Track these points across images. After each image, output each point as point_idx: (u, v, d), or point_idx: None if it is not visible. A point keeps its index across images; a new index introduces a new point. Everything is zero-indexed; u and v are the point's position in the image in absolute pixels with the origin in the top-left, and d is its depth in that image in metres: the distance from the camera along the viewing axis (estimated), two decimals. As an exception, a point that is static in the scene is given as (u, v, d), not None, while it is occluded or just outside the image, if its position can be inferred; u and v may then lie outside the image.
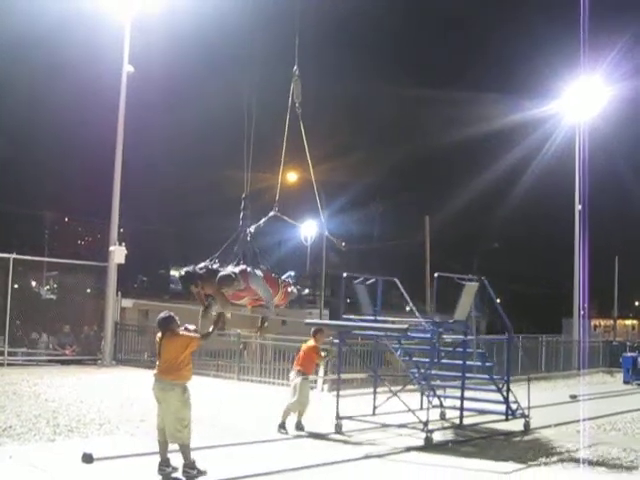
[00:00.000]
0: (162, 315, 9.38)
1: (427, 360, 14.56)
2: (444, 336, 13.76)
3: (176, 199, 61.63)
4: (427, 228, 42.45)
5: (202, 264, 9.77)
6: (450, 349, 14.50)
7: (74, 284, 31.42)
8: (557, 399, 19.64)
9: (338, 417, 13.15)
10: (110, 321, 22.45)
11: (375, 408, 14.85)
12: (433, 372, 14.64)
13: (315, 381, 18.04)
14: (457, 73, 66.62)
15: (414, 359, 15.86)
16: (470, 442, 12.80)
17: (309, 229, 45.59)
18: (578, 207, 33.16)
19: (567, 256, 34.50)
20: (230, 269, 9.75)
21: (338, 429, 13.00)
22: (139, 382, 17.33)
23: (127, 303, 24.58)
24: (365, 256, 60.38)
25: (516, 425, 14.09)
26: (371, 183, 60.70)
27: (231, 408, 15.18)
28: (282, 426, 12.46)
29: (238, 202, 10.89)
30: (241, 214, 10.71)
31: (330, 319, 47.93)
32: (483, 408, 14.83)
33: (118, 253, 22.32)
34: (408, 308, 16.33)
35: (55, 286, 47.27)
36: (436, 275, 14.09)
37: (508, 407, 14.28)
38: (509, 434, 13.60)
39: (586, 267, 33.10)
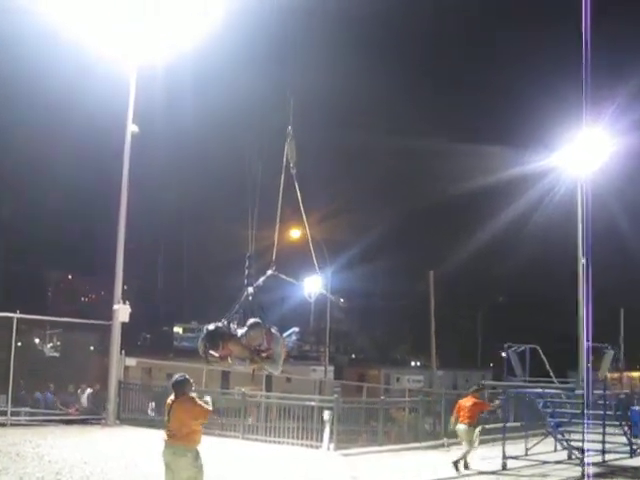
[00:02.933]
0: (177, 378, 9.20)
1: (570, 411, 18.48)
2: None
3: (180, 257, 61.71)
4: (431, 283, 42.36)
5: (219, 323, 9.71)
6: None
7: (77, 342, 31.34)
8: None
9: (505, 457, 16.95)
10: (114, 380, 22.22)
11: (527, 450, 18.49)
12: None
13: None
14: (456, 126, 66.97)
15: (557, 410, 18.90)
16: (616, 473, 16.19)
17: (312, 285, 45.47)
18: (582, 260, 33.07)
19: (571, 309, 34.34)
20: (252, 320, 9.72)
21: (504, 466, 16.77)
22: (143, 442, 17.16)
23: (131, 362, 24.38)
24: (369, 312, 60.35)
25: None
26: (373, 239, 60.66)
27: (240, 469, 14.97)
28: (456, 465, 15.96)
29: (243, 258, 10.88)
30: (245, 272, 10.69)
31: (335, 375, 47.95)
32: (610, 448, 17.40)
33: (122, 312, 22.22)
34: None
35: (58, 343, 47.19)
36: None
37: (631, 447, 17.15)
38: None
39: (590, 319, 32.91)
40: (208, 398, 9.39)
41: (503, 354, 19.13)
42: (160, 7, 21.32)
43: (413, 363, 69.63)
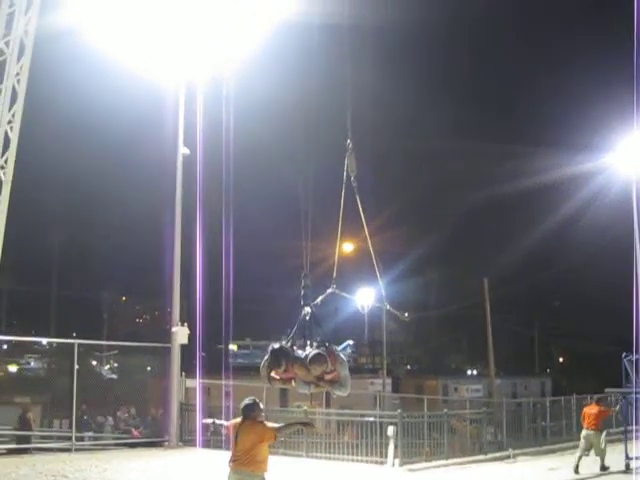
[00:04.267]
0: (247, 401, 9.02)
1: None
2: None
3: (236, 273, 61.83)
4: (486, 290, 41.85)
5: (283, 342, 9.56)
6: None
7: (134, 363, 31.48)
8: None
9: (627, 458, 18.17)
10: (175, 402, 22.23)
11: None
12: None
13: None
14: (507, 127, 66.38)
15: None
16: None
17: (366, 298, 45.28)
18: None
19: (629, 311, 33.60)
20: (314, 350, 9.52)
21: (627, 467, 18.06)
22: (207, 464, 17.10)
23: (191, 383, 24.35)
24: (423, 322, 59.87)
25: None
26: (425, 249, 60.27)
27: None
28: (604, 467, 17.84)
29: (291, 271, 10.68)
30: (302, 292, 10.51)
31: (393, 388, 47.57)
32: None
33: (181, 334, 22.21)
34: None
35: (115, 365, 47.71)
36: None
37: None
38: None
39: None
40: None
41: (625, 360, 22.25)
42: (207, 24, 21.36)
43: (469, 372, 68.89)
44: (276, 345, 9.31)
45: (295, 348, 9.59)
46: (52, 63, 24.68)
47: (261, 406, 9.04)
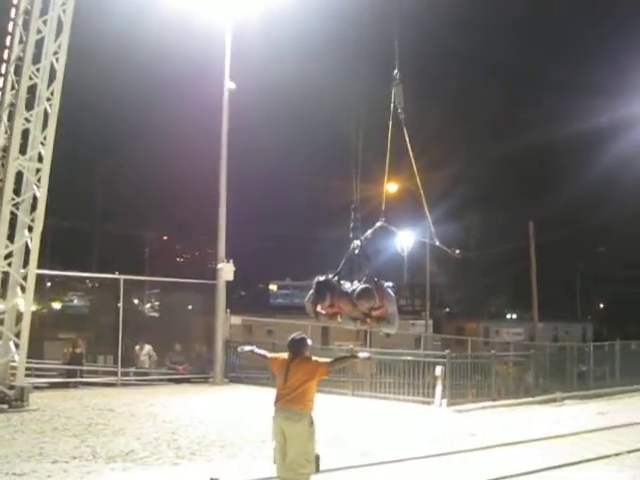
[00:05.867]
0: (295, 336, 8.58)
1: None
2: None
3: (273, 212, 61.62)
4: (531, 234, 41.17)
5: (329, 276, 9.19)
6: None
7: (175, 302, 31.62)
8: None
9: None
10: (220, 339, 22.24)
11: None
12: None
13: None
14: (563, 71, 64.73)
15: None
16: None
17: (406, 239, 45.00)
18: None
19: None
20: (361, 285, 9.15)
21: None
22: (253, 400, 17.09)
23: (236, 320, 24.32)
24: (464, 264, 59.27)
25: None
26: (470, 190, 59.53)
27: (358, 427, 14.73)
28: None
29: (337, 214, 10.31)
30: (351, 225, 10.10)
31: (434, 329, 47.36)
32: None
33: (226, 270, 22.08)
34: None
35: (157, 304, 48.09)
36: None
37: None
38: None
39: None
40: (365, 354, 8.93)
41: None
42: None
43: (508, 316, 68.44)
44: (321, 278, 8.90)
45: (342, 282, 9.25)
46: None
47: (309, 342, 8.69)
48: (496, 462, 11.46)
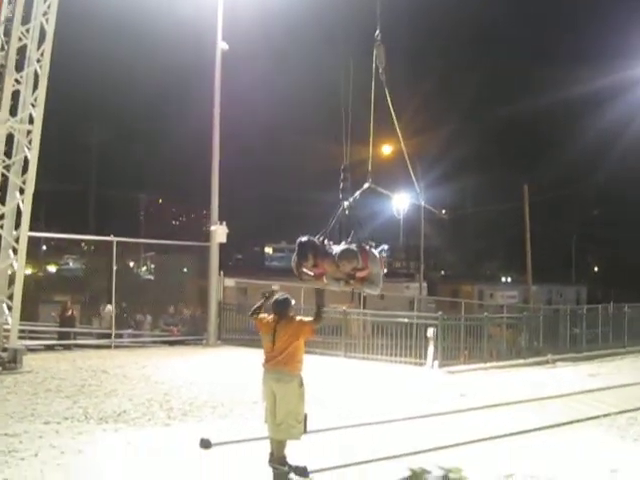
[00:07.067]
0: (279, 298, 8.55)
1: None
2: None
3: (269, 175, 61.51)
4: (526, 197, 41.13)
5: (313, 237, 9.14)
6: None
7: (171, 264, 31.61)
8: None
9: None
10: (214, 301, 22.28)
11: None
12: None
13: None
14: (549, 38, 64.41)
15: None
16: None
17: (401, 202, 44.88)
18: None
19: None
20: (345, 246, 9.12)
21: None
22: (246, 362, 17.12)
23: (229, 282, 24.32)
24: (459, 227, 59.43)
25: None
26: (464, 153, 59.45)
27: (351, 388, 14.85)
28: None
29: (330, 175, 10.27)
30: (340, 186, 10.02)
31: (428, 292, 47.56)
32: None
33: (220, 232, 22.03)
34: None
35: (152, 266, 48.18)
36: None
37: None
38: None
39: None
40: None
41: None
42: None
43: (503, 279, 68.68)
44: (303, 238, 8.90)
45: (331, 243, 9.23)
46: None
47: (292, 302, 8.69)
48: (485, 423, 11.54)
